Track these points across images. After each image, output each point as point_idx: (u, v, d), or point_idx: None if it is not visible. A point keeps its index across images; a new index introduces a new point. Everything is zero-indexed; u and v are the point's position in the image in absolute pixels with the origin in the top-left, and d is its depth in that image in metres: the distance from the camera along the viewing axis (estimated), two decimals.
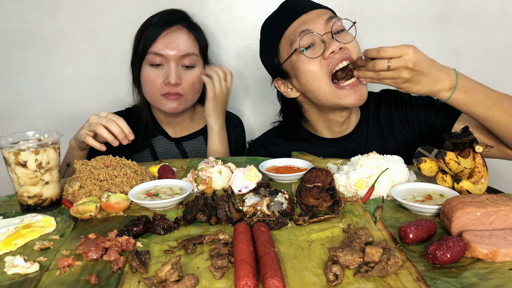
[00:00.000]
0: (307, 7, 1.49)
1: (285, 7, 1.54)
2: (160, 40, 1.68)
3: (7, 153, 1.13)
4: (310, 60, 1.44)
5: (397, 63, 1.24)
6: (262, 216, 1.02)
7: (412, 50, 1.23)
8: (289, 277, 0.80)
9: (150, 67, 1.70)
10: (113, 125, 1.44)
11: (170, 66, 1.68)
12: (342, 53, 1.42)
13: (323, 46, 1.43)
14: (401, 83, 1.28)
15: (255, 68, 2.14)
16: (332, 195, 1.13)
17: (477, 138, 1.14)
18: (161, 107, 1.75)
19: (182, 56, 1.69)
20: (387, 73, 1.26)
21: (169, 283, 0.76)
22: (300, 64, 1.46)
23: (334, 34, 1.44)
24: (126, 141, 1.46)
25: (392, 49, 1.24)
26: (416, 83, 1.28)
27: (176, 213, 1.11)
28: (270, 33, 1.56)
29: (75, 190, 1.21)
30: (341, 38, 1.45)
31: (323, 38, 1.43)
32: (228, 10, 2.09)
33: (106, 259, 0.89)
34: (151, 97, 1.75)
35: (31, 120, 2.20)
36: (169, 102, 1.72)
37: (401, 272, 0.81)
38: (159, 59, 1.68)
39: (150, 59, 1.69)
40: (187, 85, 1.72)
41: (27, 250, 0.95)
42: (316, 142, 1.65)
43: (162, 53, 1.67)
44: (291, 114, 1.67)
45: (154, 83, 1.70)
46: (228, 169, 1.30)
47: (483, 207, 0.91)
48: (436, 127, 1.54)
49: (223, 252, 0.87)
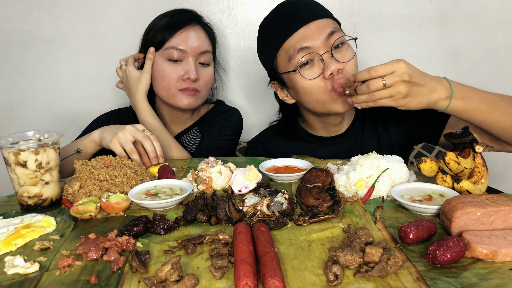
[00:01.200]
0: (307, 18, 1.43)
1: (285, 13, 1.48)
2: (179, 35, 1.70)
3: (7, 153, 1.13)
4: (309, 78, 1.44)
5: (393, 78, 1.20)
6: (262, 216, 1.02)
7: (403, 63, 1.21)
8: (289, 277, 0.80)
9: (168, 62, 1.71)
10: (148, 143, 1.44)
11: (189, 61, 1.71)
12: (341, 76, 1.41)
13: (322, 65, 1.42)
14: (400, 99, 1.24)
15: (255, 68, 2.15)
16: (332, 195, 1.13)
17: (477, 138, 1.14)
18: (176, 102, 1.75)
19: (200, 53, 1.72)
20: (383, 92, 1.22)
21: (169, 283, 0.76)
22: (299, 81, 1.46)
23: (334, 49, 1.41)
24: (155, 161, 1.46)
25: (383, 67, 1.21)
26: (414, 96, 1.24)
27: (176, 213, 1.11)
28: (268, 39, 1.53)
29: (75, 190, 1.21)
30: (341, 55, 1.43)
31: (322, 57, 1.41)
32: (228, 10, 2.09)
33: (106, 259, 0.89)
34: (166, 92, 1.74)
35: (31, 120, 2.20)
36: (186, 97, 1.73)
37: (401, 272, 0.81)
38: (178, 54, 1.69)
39: (169, 54, 1.70)
40: (203, 82, 1.76)
41: (27, 250, 0.95)
42: (313, 141, 1.67)
43: (182, 48, 1.69)
44: (289, 113, 1.69)
45: (172, 78, 1.71)
46: (228, 169, 1.30)
47: (483, 207, 0.91)
48: (430, 122, 1.54)
49: (223, 252, 0.87)
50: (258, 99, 2.20)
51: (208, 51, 1.75)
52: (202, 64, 1.75)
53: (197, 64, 1.74)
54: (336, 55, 1.42)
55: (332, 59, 1.41)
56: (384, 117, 1.63)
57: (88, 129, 1.82)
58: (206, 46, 1.75)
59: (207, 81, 1.78)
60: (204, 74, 1.76)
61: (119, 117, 1.89)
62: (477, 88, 1.31)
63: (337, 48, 1.43)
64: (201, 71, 1.75)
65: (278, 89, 1.61)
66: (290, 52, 1.44)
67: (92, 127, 1.81)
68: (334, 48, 1.42)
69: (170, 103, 1.78)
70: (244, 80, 2.18)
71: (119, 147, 1.44)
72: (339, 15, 1.55)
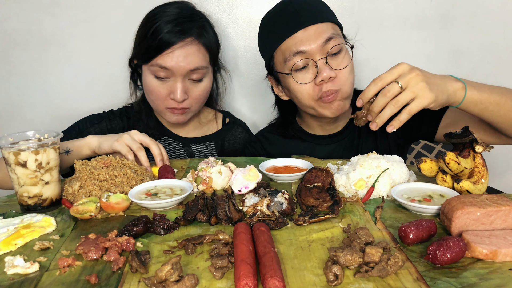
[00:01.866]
0: (306, 21, 1.41)
1: (286, 12, 1.46)
2: (167, 54, 1.54)
3: (7, 153, 1.13)
4: (301, 83, 1.45)
5: (405, 78, 1.14)
6: (262, 216, 1.02)
7: (405, 64, 1.17)
8: (289, 277, 0.80)
9: (154, 78, 1.59)
10: (155, 146, 1.44)
11: (177, 81, 1.58)
12: (332, 84, 1.41)
13: (316, 71, 1.42)
14: (426, 93, 1.13)
15: (255, 68, 2.15)
16: (332, 195, 1.13)
17: (477, 138, 1.14)
18: (165, 117, 1.70)
19: (190, 71, 1.58)
20: (405, 94, 1.13)
21: (169, 283, 0.76)
22: (292, 84, 1.47)
23: (330, 55, 1.41)
24: (161, 164, 1.44)
25: (388, 73, 1.16)
26: (436, 87, 1.14)
27: (176, 213, 1.11)
28: (267, 36, 1.53)
29: (75, 190, 1.21)
30: (336, 62, 1.42)
31: (317, 63, 1.41)
32: (228, 10, 2.09)
33: (106, 259, 0.89)
34: (155, 106, 1.68)
35: (31, 120, 2.19)
36: (173, 116, 1.66)
37: (401, 272, 0.81)
38: (165, 73, 1.57)
39: (155, 71, 1.57)
40: (194, 98, 1.64)
41: (27, 250, 0.95)
42: (310, 140, 1.68)
43: (168, 67, 1.55)
44: (284, 109, 1.71)
45: (159, 95, 1.61)
46: (228, 169, 1.30)
47: (483, 207, 0.91)
48: (425, 119, 1.54)
49: (223, 252, 0.87)
50: (258, 99, 2.20)
51: (200, 67, 1.59)
52: (194, 81, 1.62)
53: (188, 80, 1.61)
54: (331, 62, 1.41)
55: (326, 66, 1.40)
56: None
57: (74, 127, 1.74)
58: (199, 62, 1.59)
59: (199, 96, 1.65)
60: (195, 89, 1.63)
61: (111, 120, 1.79)
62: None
63: (333, 55, 1.42)
64: (192, 87, 1.63)
65: (274, 85, 1.62)
66: (286, 54, 1.44)
67: (79, 126, 1.74)
68: (331, 54, 1.41)
69: (161, 115, 1.75)
70: (244, 80, 2.18)
71: (125, 146, 1.41)
72: (339, 15, 1.55)
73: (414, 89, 1.13)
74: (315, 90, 1.44)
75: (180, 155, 1.81)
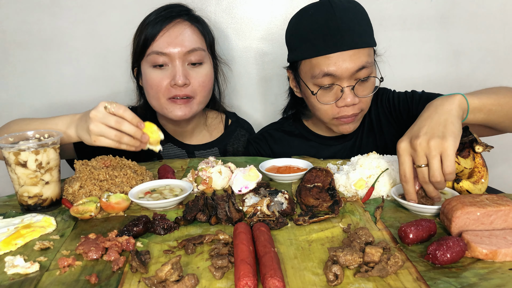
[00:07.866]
0: (345, 44, 1.36)
1: (326, 26, 1.38)
2: (161, 38, 1.52)
3: (7, 153, 1.13)
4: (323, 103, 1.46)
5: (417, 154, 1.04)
6: (262, 216, 1.02)
7: (400, 142, 1.09)
8: (289, 277, 0.80)
9: (153, 68, 1.55)
10: (124, 125, 1.17)
11: (176, 65, 1.53)
12: (353, 108, 1.44)
13: (340, 94, 1.42)
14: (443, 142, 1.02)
15: (255, 68, 2.14)
16: (332, 195, 1.13)
17: (477, 138, 1.14)
18: (167, 114, 1.59)
19: (187, 52, 1.53)
20: (434, 164, 1.02)
21: (169, 283, 0.76)
22: (313, 100, 1.47)
23: (357, 82, 1.40)
24: (139, 134, 1.18)
25: (401, 165, 1.07)
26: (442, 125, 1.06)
27: (176, 213, 1.12)
28: (301, 41, 1.45)
29: (75, 190, 1.21)
30: (362, 88, 1.43)
31: (343, 89, 1.41)
32: (228, 10, 2.09)
33: (106, 259, 0.89)
34: (156, 102, 1.59)
35: None
36: (177, 109, 1.56)
37: (401, 272, 0.81)
38: (162, 58, 1.53)
39: (152, 60, 1.54)
40: (197, 84, 1.57)
41: (27, 250, 0.95)
42: (316, 140, 1.68)
43: (165, 51, 1.52)
44: (296, 100, 1.70)
45: (159, 86, 1.54)
46: (228, 169, 1.30)
47: (483, 207, 0.91)
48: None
49: (223, 252, 0.87)
50: (258, 99, 2.20)
51: (198, 49, 1.55)
52: (194, 64, 1.57)
53: (187, 65, 1.56)
54: (357, 88, 1.42)
55: (351, 93, 1.41)
56: (377, 117, 1.64)
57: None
58: (195, 43, 1.56)
59: (202, 83, 1.58)
60: (196, 75, 1.57)
61: None
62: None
63: (361, 81, 1.42)
64: (193, 73, 1.57)
65: (291, 78, 1.60)
66: (315, 71, 1.41)
67: None
68: (359, 80, 1.41)
69: (163, 114, 1.63)
70: (244, 80, 2.18)
71: (106, 140, 1.17)
72: None
73: (433, 153, 1.02)
74: (334, 110, 1.45)
75: None
